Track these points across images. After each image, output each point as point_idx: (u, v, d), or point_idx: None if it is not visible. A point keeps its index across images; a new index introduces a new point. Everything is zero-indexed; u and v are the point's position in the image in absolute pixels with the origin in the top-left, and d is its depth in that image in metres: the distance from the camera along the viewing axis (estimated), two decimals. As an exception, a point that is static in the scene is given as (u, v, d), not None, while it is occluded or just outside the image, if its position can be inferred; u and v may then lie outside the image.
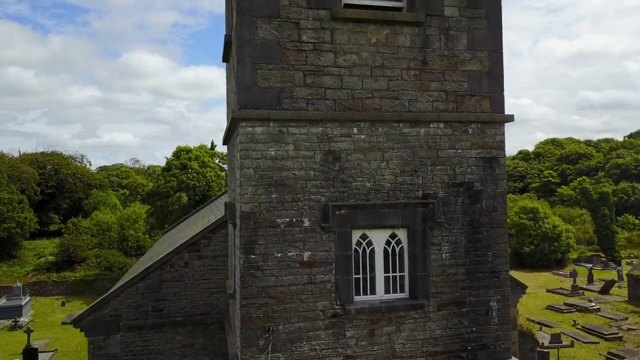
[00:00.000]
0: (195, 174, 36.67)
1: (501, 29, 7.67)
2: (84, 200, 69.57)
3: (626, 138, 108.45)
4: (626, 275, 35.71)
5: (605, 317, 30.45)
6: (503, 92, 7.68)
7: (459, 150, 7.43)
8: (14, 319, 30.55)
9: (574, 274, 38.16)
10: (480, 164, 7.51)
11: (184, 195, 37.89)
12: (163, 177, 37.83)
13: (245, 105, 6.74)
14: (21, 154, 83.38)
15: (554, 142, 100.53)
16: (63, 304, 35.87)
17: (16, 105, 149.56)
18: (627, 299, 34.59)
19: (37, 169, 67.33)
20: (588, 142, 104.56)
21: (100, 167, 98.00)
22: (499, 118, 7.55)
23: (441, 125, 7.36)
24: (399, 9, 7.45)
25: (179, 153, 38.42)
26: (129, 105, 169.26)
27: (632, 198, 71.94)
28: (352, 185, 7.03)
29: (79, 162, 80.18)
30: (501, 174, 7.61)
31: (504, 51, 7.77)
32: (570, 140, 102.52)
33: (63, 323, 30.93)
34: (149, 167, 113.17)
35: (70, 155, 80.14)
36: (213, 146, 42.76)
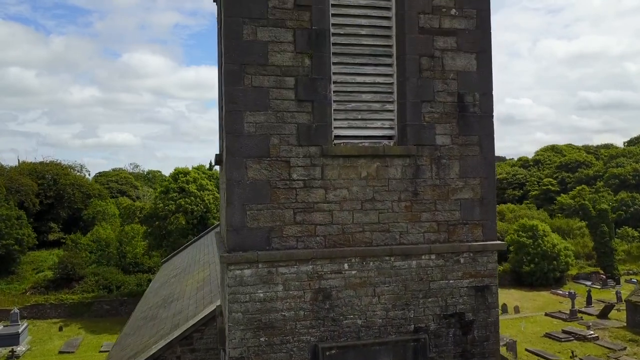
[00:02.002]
0: (193, 198, 36.59)
1: (494, 154, 7.60)
2: (83, 210, 69.49)
3: (625, 144, 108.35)
4: (625, 301, 35.65)
5: (604, 346, 30.44)
6: (495, 219, 7.62)
7: (451, 281, 7.36)
8: (10, 349, 30.51)
9: (572, 297, 38.05)
10: (472, 293, 7.45)
11: (181, 217, 37.82)
12: (161, 200, 37.75)
13: (235, 247, 6.68)
14: (20, 162, 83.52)
15: (553, 149, 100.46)
16: (61, 328, 35.86)
17: (17, 105, 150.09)
18: (625, 324, 34.57)
19: (35, 180, 67.19)
20: (587, 149, 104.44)
21: (99, 173, 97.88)
22: (490, 247, 7.49)
23: (433, 256, 7.30)
24: (390, 137, 7.37)
25: (176, 176, 38.35)
26: (129, 105, 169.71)
27: (632, 209, 71.66)
28: (342, 323, 6.97)
29: (77, 171, 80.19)
30: (493, 302, 7.54)
31: (499, 52, 7.70)
32: (570, 146, 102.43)
33: (60, 352, 30.93)
34: (148, 172, 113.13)
35: (69, 164, 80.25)
36: (211, 166, 42.69)
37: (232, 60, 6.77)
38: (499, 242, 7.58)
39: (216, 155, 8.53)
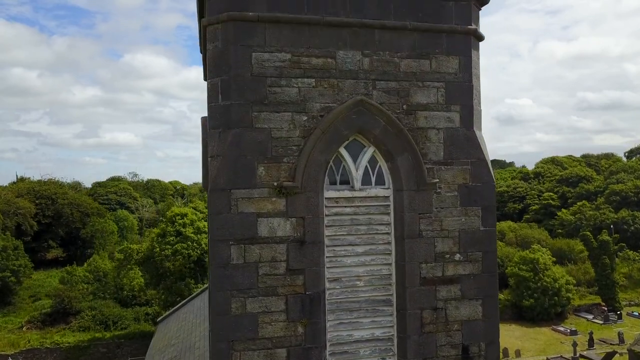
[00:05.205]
0: (190, 242, 36.14)
1: (500, 406, 7.12)
2: (81, 229, 69.06)
3: (626, 154, 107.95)
4: (627, 350, 35.22)
5: (606, 403, 30.04)
6: None
7: None
8: (6, 406, 30.17)
9: (574, 344, 37.38)
10: None
11: (178, 259, 37.36)
12: (157, 244, 37.26)
13: None
14: (18, 177, 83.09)
15: (553, 161, 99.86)
16: (56, 377, 35.49)
17: (19, 105, 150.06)
18: (628, 373, 34.17)
19: (34, 200, 66.63)
20: (588, 159, 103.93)
21: (97, 183, 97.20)
22: None
23: None
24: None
25: (173, 218, 37.87)
26: (131, 106, 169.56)
27: (632, 227, 70.96)
28: None
29: (76, 190, 79.74)
30: None
31: (499, 53, 7.20)
32: (570, 158, 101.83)
33: (56, 408, 30.56)
34: (147, 181, 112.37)
35: (67, 182, 79.82)
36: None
37: (219, 338, 6.27)
38: None
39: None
